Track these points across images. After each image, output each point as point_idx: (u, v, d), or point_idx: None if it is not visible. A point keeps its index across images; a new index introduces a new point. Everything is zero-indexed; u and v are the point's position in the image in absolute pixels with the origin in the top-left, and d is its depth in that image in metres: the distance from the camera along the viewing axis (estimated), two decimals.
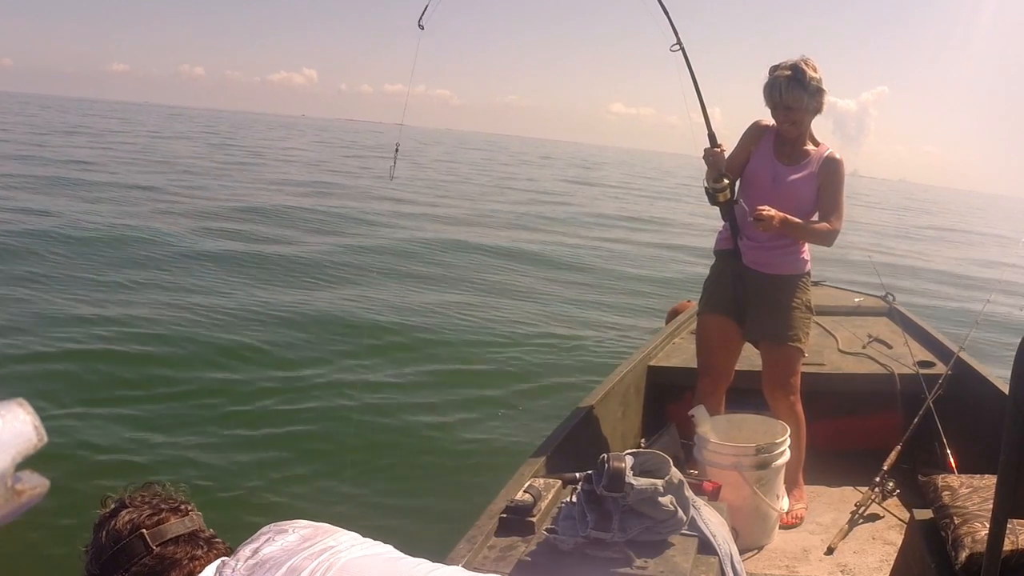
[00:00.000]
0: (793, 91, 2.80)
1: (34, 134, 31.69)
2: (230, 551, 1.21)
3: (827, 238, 2.93)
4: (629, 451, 1.96)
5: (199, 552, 1.21)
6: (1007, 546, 1.45)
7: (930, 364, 3.70)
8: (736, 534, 2.09)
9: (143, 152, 26.35)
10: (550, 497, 2.46)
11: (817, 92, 2.83)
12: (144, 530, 1.20)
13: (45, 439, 0.48)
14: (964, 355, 3.65)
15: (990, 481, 1.90)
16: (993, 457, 1.34)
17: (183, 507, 1.27)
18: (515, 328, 7.55)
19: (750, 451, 2.72)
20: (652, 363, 3.84)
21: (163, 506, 1.24)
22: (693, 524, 1.87)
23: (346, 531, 1.22)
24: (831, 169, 2.93)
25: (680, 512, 1.81)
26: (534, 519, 2.37)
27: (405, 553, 1.17)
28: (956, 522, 1.81)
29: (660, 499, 1.78)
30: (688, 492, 1.87)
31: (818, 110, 2.89)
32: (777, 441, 2.78)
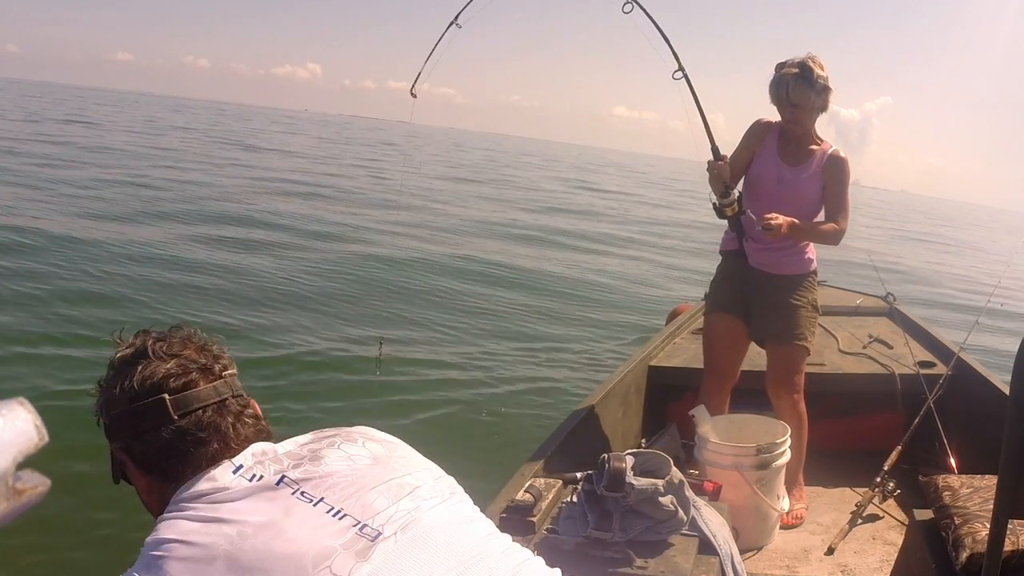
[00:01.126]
0: (800, 89, 2.79)
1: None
2: (271, 436, 1.05)
3: (834, 238, 2.93)
4: (630, 451, 1.96)
5: (231, 430, 1.01)
6: (1008, 546, 1.44)
7: (931, 364, 3.70)
8: (736, 534, 2.09)
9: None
10: (551, 497, 2.45)
11: (824, 90, 2.83)
12: (166, 395, 0.99)
13: (46, 438, 0.48)
14: (964, 355, 3.65)
15: (991, 481, 1.90)
16: (994, 457, 1.34)
17: (218, 366, 1.05)
18: (513, 330, 7.56)
19: (751, 451, 2.71)
20: (653, 363, 3.84)
21: (193, 364, 1.02)
22: (694, 524, 1.87)
23: (418, 457, 1.06)
24: (836, 168, 2.93)
25: (681, 512, 1.81)
26: (534, 519, 2.37)
27: None
28: (957, 522, 1.81)
29: (661, 499, 1.78)
30: (689, 492, 1.87)
31: (823, 108, 2.89)
32: (778, 441, 2.78)
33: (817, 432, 3.13)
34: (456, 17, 2.91)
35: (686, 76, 3.00)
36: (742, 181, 3.03)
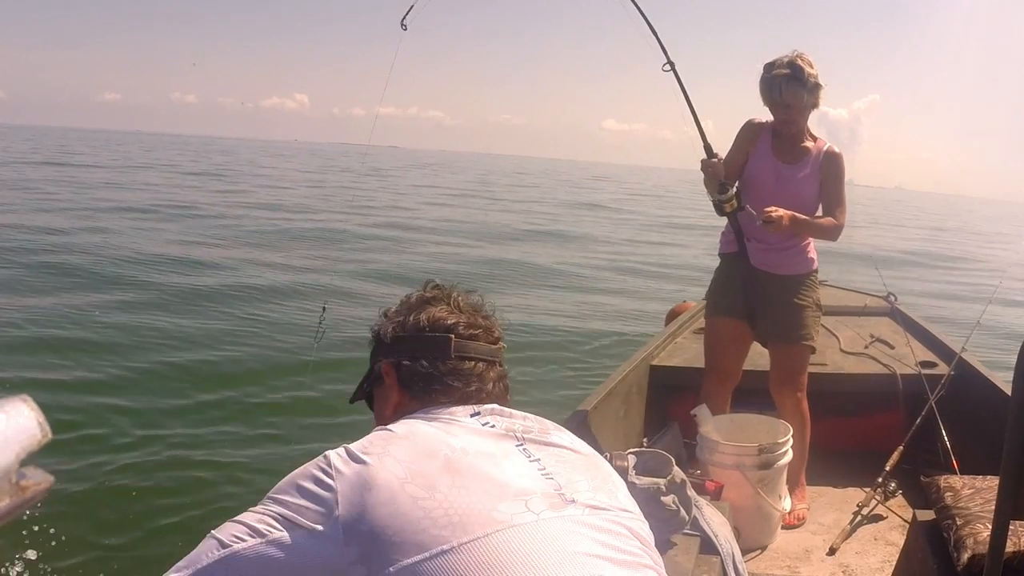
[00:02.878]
0: (793, 89, 2.79)
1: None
2: (506, 404, 1.20)
3: (833, 233, 2.93)
4: (631, 450, 1.96)
5: (488, 385, 1.19)
6: (1009, 547, 1.44)
7: (932, 364, 3.69)
8: (738, 534, 2.09)
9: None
10: None
11: (815, 88, 2.83)
12: (454, 336, 1.19)
13: (49, 435, 0.48)
14: (966, 355, 3.64)
15: (992, 482, 1.89)
16: (995, 458, 1.34)
17: (496, 334, 1.25)
18: (512, 330, 7.55)
19: (753, 451, 2.71)
20: (654, 362, 3.83)
21: (480, 324, 1.23)
22: (695, 524, 1.86)
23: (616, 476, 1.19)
24: (832, 163, 2.93)
25: (682, 511, 1.81)
26: None
27: None
28: (958, 523, 1.81)
29: (662, 498, 1.78)
30: (690, 491, 1.87)
31: (815, 105, 2.89)
32: (780, 441, 2.77)
33: (819, 432, 3.12)
34: (403, 19, 2.87)
35: (674, 69, 3.00)
36: (738, 182, 3.02)
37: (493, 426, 1.12)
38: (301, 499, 0.99)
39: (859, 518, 2.95)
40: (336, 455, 1.03)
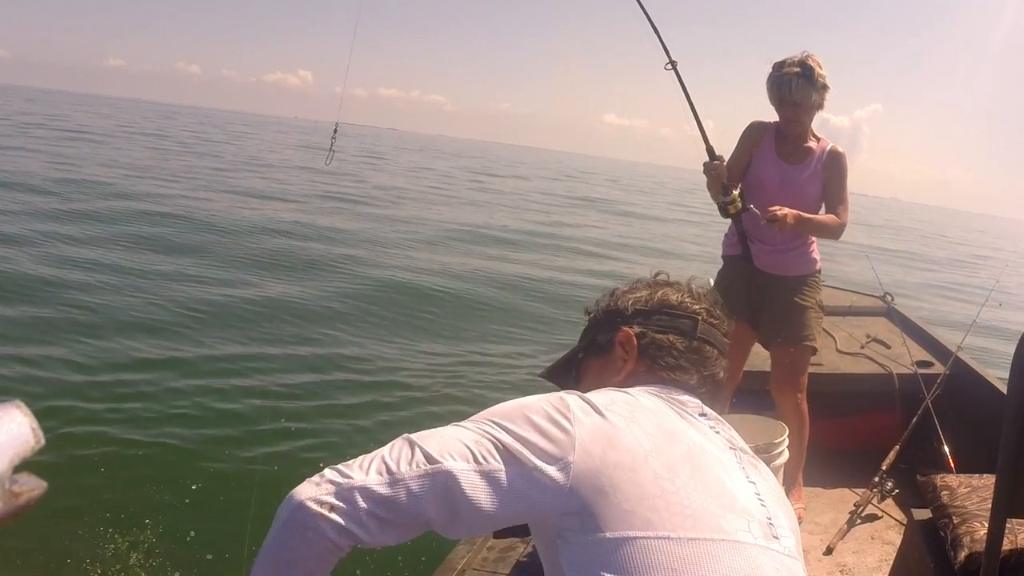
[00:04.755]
0: (803, 88, 2.81)
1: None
2: (716, 401, 1.18)
3: (836, 231, 2.94)
4: None
5: (713, 374, 1.18)
6: (1006, 545, 1.44)
7: (928, 364, 3.70)
8: None
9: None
10: None
11: (823, 88, 2.86)
12: (700, 319, 1.20)
13: (43, 441, 0.47)
14: (962, 355, 3.65)
15: (989, 481, 1.90)
16: (992, 457, 1.34)
17: (725, 328, 1.25)
18: (513, 330, 7.55)
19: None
20: None
21: (718, 315, 1.23)
22: None
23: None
24: (835, 163, 2.94)
25: None
26: None
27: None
28: (955, 522, 1.81)
29: None
30: None
31: (821, 107, 2.90)
32: (776, 441, 2.77)
33: (815, 432, 3.12)
34: None
35: (675, 68, 3.00)
36: (741, 184, 3.03)
37: (718, 432, 1.09)
38: (532, 433, 0.93)
39: (856, 518, 2.95)
40: (574, 400, 0.98)
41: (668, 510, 0.90)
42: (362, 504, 0.87)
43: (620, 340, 1.19)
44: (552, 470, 0.91)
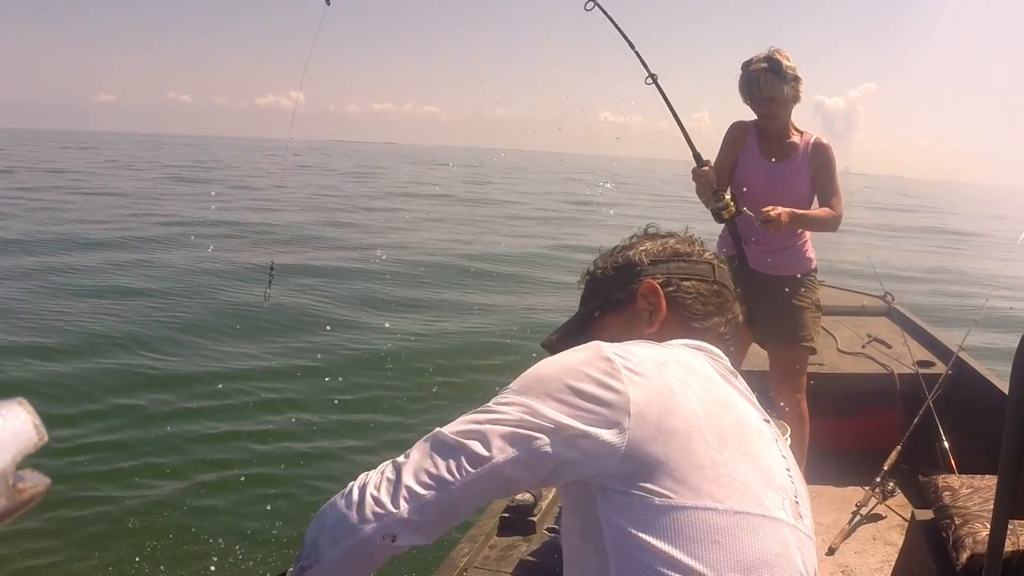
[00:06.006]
0: (772, 81, 2.80)
1: None
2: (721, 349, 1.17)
3: (832, 224, 2.93)
4: None
5: (733, 317, 1.17)
6: (1008, 547, 1.44)
7: (930, 364, 3.70)
8: None
9: None
10: (551, 497, 2.45)
11: (794, 80, 2.84)
12: (715, 263, 1.20)
13: (46, 438, 0.47)
14: (964, 355, 3.65)
15: (991, 481, 1.90)
16: (993, 457, 1.34)
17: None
18: (512, 331, 7.55)
19: None
20: None
21: (722, 259, 1.24)
22: None
23: None
24: (821, 155, 2.93)
25: None
26: (535, 519, 2.37)
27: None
28: (957, 522, 1.81)
29: None
30: None
31: (796, 99, 2.89)
32: None
33: (817, 432, 3.12)
34: None
35: (656, 82, 2.93)
36: (730, 186, 3.02)
37: (750, 399, 1.07)
38: (580, 401, 0.91)
39: (858, 518, 2.95)
40: (619, 358, 0.95)
41: (717, 481, 0.89)
42: (420, 519, 0.90)
43: (643, 292, 1.16)
44: (606, 434, 0.89)
